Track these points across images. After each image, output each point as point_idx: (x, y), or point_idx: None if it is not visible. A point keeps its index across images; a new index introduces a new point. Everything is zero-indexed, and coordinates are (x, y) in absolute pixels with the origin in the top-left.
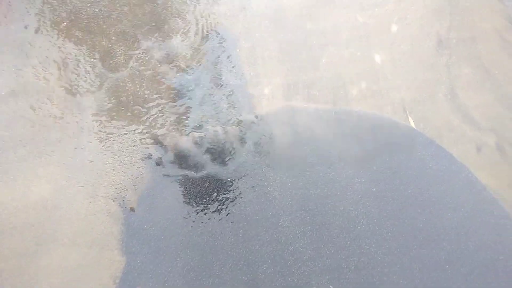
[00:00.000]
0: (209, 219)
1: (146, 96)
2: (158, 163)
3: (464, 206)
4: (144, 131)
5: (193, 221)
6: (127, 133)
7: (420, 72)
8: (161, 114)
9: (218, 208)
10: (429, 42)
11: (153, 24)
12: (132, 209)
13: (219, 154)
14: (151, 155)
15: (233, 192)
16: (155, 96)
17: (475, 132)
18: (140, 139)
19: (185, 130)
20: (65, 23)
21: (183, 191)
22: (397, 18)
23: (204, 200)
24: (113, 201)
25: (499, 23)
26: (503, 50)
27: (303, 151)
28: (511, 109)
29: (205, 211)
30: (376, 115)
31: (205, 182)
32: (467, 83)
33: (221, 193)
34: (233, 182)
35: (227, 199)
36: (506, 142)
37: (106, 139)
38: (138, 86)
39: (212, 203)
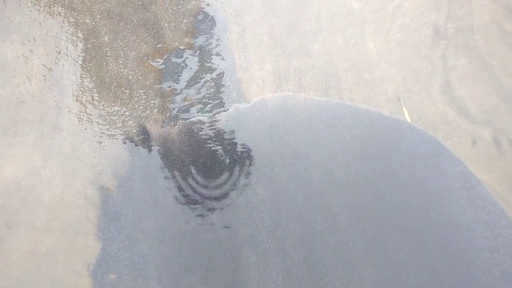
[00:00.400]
0: (190, 209)
1: (130, 77)
2: (140, 147)
3: (458, 201)
4: (127, 113)
5: (174, 210)
6: (108, 115)
7: (415, 62)
8: (145, 96)
9: (201, 199)
10: (426, 31)
11: (140, 3)
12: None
13: (204, 142)
14: (133, 139)
15: (216, 183)
16: (139, 77)
17: (470, 125)
18: (122, 122)
19: (170, 114)
20: None
21: (165, 178)
22: (393, 5)
23: (187, 190)
24: (91, 184)
25: (498, 13)
26: (501, 41)
27: (288, 149)
28: (508, 101)
29: (187, 200)
30: (368, 108)
31: (188, 170)
32: (464, 74)
33: (204, 183)
34: (216, 173)
35: (209, 190)
36: (502, 136)
37: (86, 120)
38: (122, 67)
39: (194, 193)
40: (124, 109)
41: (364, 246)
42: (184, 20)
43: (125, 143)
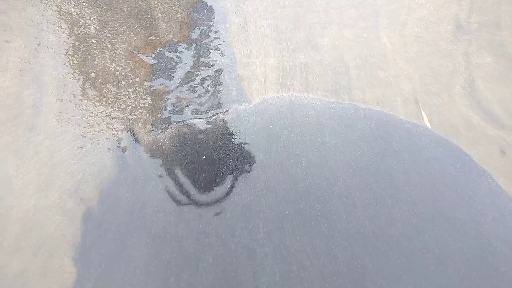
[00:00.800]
0: (185, 229)
1: (118, 73)
2: (127, 153)
3: (487, 222)
4: (113, 114)
5: (163, 228)
6: (92, 116)
7: (435, 59)
8: (134, 95)
9: (192, 216)
10: (447, 25)
11: None
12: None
13: (199, 149)
14: (119, 144)
15: (213, 198)
16: (128, 73)
17: (498, 132)
18: (107, 124)
19: (162, 116)
20: None
21: (155, 191)
22: None
23: (180, 206)
24: (69, 197)
25: None
26: None
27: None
28: None
29: (178, 217)
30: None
31: (182, 182)
32: (489, 73)
33: (199, 198)
34: (213, 186)
35: (206, 206)
36: None
37: (66, 121)
38: (109, 61)
39: (189, 210)
40: (110, 109)
41: (383, 279)
42: (179, 9)
43: (110, 149)
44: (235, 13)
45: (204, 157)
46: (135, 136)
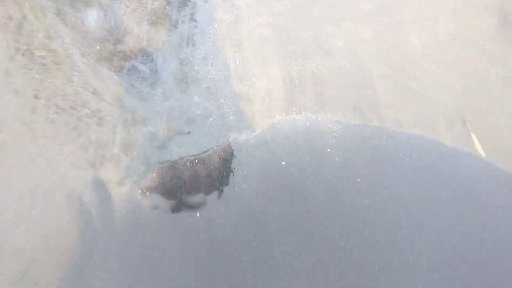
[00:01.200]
0: None
1: (77, 97)
2: (94, 215)
3: None
4: (73, 155)
5: None
6: (44, 161)
7: (479, 64)
8: (100, 128)
9: None
10: (489, 19)
11: None
12: None
13: (189, 206)
14: (83, 202)
15: (210, 272)
16: (91, 96)
17: None
18: (65, 168)
19: (139, 155)
20: None
21: (132, 274)
22: None
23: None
24: None
25: None
26: None
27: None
28: None
29: None
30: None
31: (170, 254)
32: None
33: (190, 275)
34: (210, 256)
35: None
36: None
37: (8, 171)
38: (64, 81)
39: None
40: (70, 147)
41: None
42: (153, 6)
43: (70, 209)
44: (224, 9)
45: (198, 215)
46: (104, 189)
